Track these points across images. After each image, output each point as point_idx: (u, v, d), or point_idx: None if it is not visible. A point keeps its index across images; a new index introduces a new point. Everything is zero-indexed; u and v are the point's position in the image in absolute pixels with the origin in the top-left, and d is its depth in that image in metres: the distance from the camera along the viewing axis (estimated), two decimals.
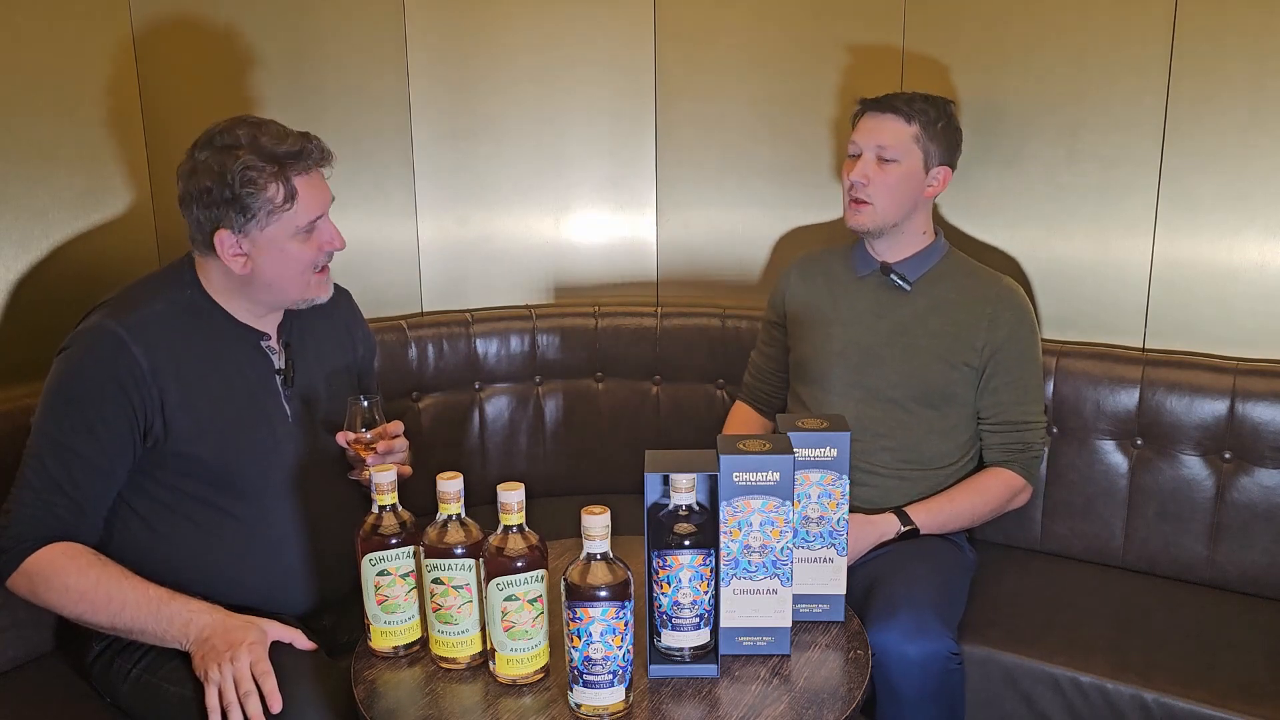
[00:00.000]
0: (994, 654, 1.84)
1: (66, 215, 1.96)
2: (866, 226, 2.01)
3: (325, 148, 1.63)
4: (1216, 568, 2.02)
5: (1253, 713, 1.65)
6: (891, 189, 1.98)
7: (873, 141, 1.98)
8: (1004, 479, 2.00)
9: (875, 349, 2.02)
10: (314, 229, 1.62)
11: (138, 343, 1.55)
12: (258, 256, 1.59)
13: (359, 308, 1.91)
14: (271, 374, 1.68)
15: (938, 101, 2.02)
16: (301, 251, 1.60)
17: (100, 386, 1.54)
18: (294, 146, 1.57)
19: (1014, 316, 1.99)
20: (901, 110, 1.97)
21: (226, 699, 1.42)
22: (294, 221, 1.58)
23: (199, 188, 1.56)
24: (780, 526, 1.41)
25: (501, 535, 1.35)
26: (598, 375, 2.47)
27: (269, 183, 1.55)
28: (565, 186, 2.51)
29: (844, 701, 1.37)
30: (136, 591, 1.51)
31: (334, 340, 1.81)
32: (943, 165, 2.01)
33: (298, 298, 1.65)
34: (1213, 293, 2.09)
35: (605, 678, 1.30)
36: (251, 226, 1.56)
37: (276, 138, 1.57)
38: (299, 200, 1.57)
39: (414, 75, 2.37)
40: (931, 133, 1.98)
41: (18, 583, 1.54)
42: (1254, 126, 2.00)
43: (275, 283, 1.62)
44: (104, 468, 1.56)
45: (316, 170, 1.61)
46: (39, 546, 1.52)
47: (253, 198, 1.54)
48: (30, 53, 1.88)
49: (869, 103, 2.03)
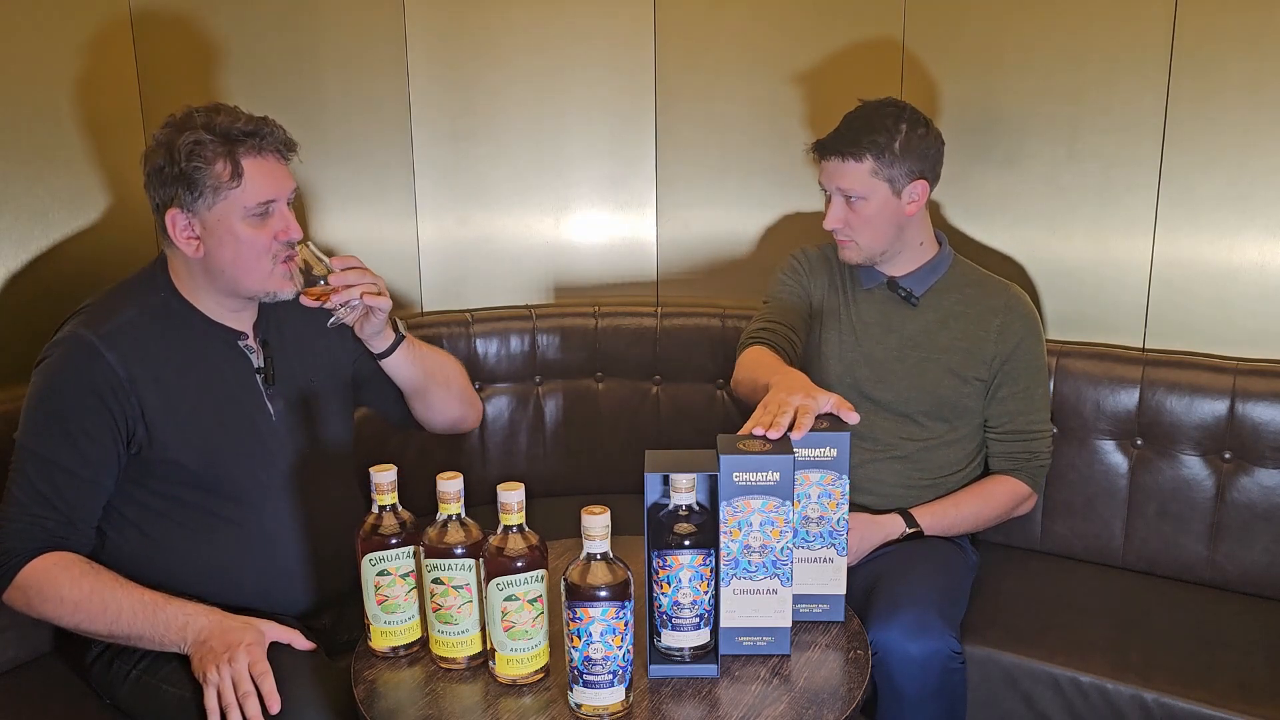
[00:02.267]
0: (994, 654, 1.84)
1: (66, 215, 1.95)
2: (858, 260, 1.99)
3: (285, 135, 1.59)
4: (1216, 568, 2.02)
5: (1253, 713, 1.65)
6: (868, 223, 1.94)
7: (833, 185, 1.93)
8: (1009, 486, 1.99)
9: (886, 363, 2.01)
10: (268, 214, 1.57)
11: (112, 350, 1.53)
12: (208, 239, 1.56)
13: None
14: (251, 374, 1.66)
15: (888, 117, 1.90)
16: (254, 237, 1.56)
17: (78, 398, 1.52)
18: (247, 127, 1.54)
19: (1023, 327, 1.98)
20: (848, 152, 1.89)
21: (225, 700, 1.42)
22: (241, 201, 1.53)
23: (153, 166, 1.56)
24: (780, 526, 1.41)
25: (501, 535, 1.35)
26: (598, 375, 2.47)
27: (216, 159, 1.52)
28: (565, 186, 2.51)
29: (844, 701, 1.37)
30: (132, 598, 1.50)
31: (316, 329, 1.75)
32: (917, 180, 1.92)
33: (257, 289, 1.60)
34: (1213, 293, 2.09)
35: (605, 678, 1.30)
36: (200, 205, 1.53)
37: (231, 118, 1.55)
38: (246, 179, 1.53)
39: (414, 75, 2.37)
40: (889, 158, 1.89)
41: (13, 597, 1.53)
42: (1254, 126, 2.00)
43: (229, 269, 1.57)
44: (89, 478, 1.54)
45: (272, 155, 1.57)
46: (31, 559, 1.51)
47: (199, 172, 1.52)
48: (30, 52, 1.88)
49: (816, 147, 1.95)
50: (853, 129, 1.92)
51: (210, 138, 1.52)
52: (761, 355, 1.91)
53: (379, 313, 1.64)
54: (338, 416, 1.78)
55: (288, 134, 1.60)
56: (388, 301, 1.63)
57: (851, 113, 1.96)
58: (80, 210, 1.97)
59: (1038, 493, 2.04)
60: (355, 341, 1.78)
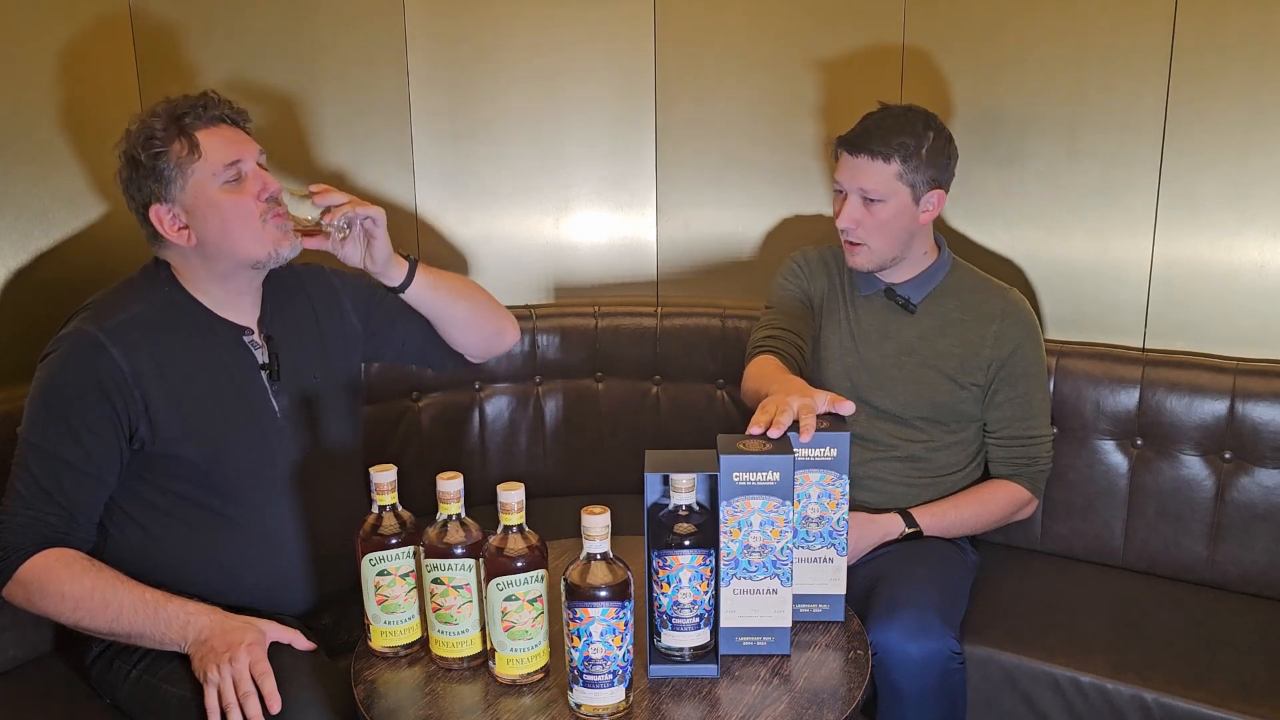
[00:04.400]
0: (994, 654, 1.84)
1: (66, 215, 1.95)
2: (866, 267, 1.97)
3: (234, 104, 1.62)
4: (1216, 568, 2.02)
5: (1253, 713, 1.65)
6: (883, 227, 1.91)
7: (855, 183, 1.89)
8: (1010, 490, 1.99)
9: (883, 370, 2.00)
10: (240, 177, 1.57)
11: (117, 346, 1.54)
12: (194, 222, 1.57)
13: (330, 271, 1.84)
14: (256, 370, 1.66)
15: (916, 123, 1.89)
16: (236, 202, 1.56)
17: (82, 392, 1.52)
18: (189, 103, 1.57)
19: (1020, 332, 1.98)
20: (878, 151, 1.86)
21: (226, 700, 1.42)
22: (209, 170, 1.55)
23: (123, 179, 1.59)
24: (780, 526, 1.41)
25: (501, 535, 1.35)
26: (598, 375, 2.47)
27: (171, 140, 1.54)
28: (565, 186, 2.51)
29: (844, 701, 1.37)
30: (133, 595, 1.50)
31: (323, 323, 1.76)
32: (934, 189, 1.91)
33: (257, 253, 1.59)
34: (1213, 293, 2.09)
35: (605, 678, 1.30)
36: (174, 190, 1.55)
37: (173, 102, 1.57)
38: (204, 148, 1.55)
39: (414, 76, 2.37)
40: (915, 163, 1.87)
41: (14, 592, 1.53)
42: (1254, 126, 2.00)
43: (222, 242, 1.57)
44: (92, 474, 1.54)
45: (224, 123, 1.59)
46: (32, 554, 1.51)
47: (160, 159, 1.54)
48: (30, 52, 1.88)
49: (843, 142, 1.91)
50: (883, 128, 1.88)
51: (158, 124, 1.55)
52: (766, 366, 1.90)
53: (379, 228, 1.64)
54: (345, 415, 1.78)
55: (235, 104, 1.62)
56: (379, 210, 1.64)
57: (877, 113, 1.93)
58: (80, 211, 1.98)
59: (1039, 497, 2.04)
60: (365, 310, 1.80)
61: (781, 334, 2.01)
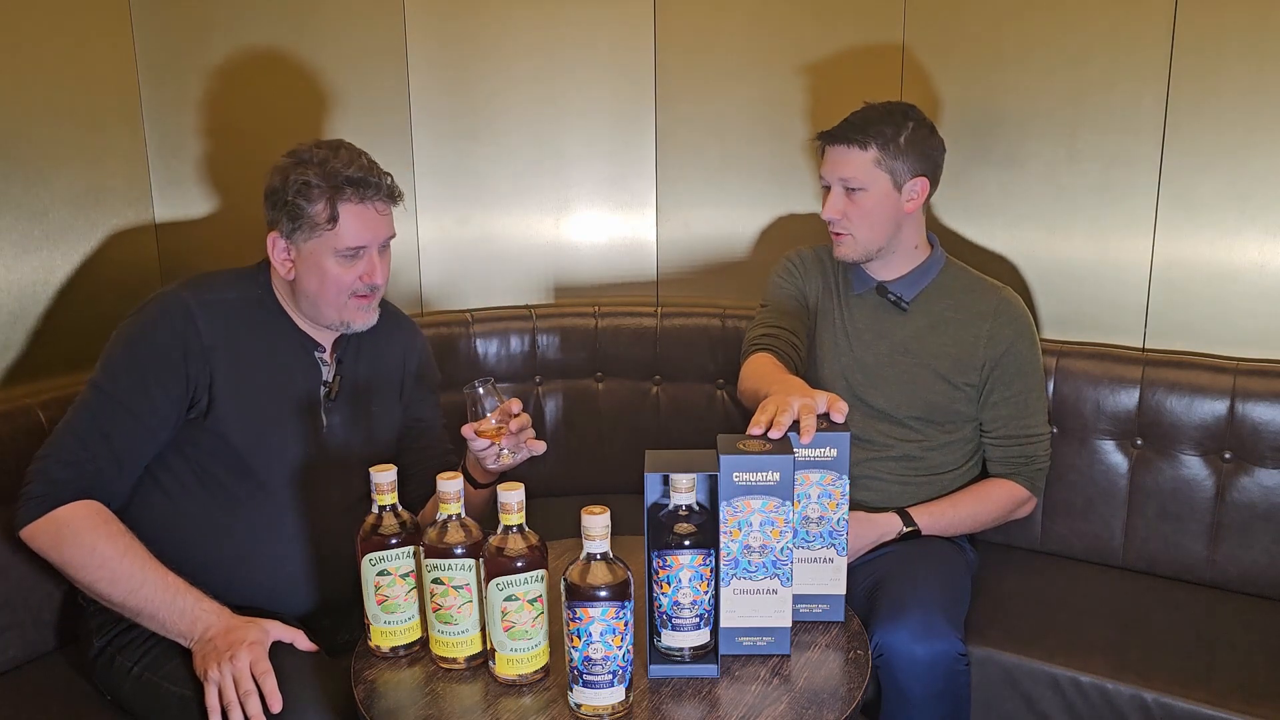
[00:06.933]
0: (994, 654, 1.84)
1: (66, 215, 1.96)
2: (852, 257, 1.98)
3: (394, 187, 1.68)
4: (1216, 568, 2.02)
5: (1253, 713, 1.65)
6: (866, 216, 1.93)
7: (836, 174, 1.93)
8: (1008, 489, 1.99)
9: (877, 369, 2.00)
10: (357, 256, 1.65)
11: (204, 317, 1.62)
12: (300, 266, 1.65)
13: (428, 351, 1.92)
14: (318, 383, 1.72)
15: (896, 113, 1.92)
16: (340, 274, 1.64)
17: (164, 350, 1.59)
18: (355, 174, 1.62)
19: (1012, 331, 1.98)
20: (854, 139, 1.90)
21: (226, 698, 1.42)
22: (333, 243, 1.62)
23: (269, 187, 1.66)
24: (780, 526, 1.41)
25: (501, 535, 1.35)
26: (598, 375, 2.47)
27: (318, 200, 1.61)
28: (565, 186, 2.51)
29: (844, 701, 1.37)
30: (158, 573, 1.53)
31: (389, 369, 1.83)
32: (918, 177, 1.93)
33: (334, 318, 1.69)
34: (1213, 293, 2.09)
35: (605, 678, 1.30)
36: (298, 236, 1.63)
37: (346, 163, 1.63)
38: (341, 224, 1.62)
39: (414, 76, 2.37)
40: (893, 150, 1.90)
41: (44, 528, 1.54)
42: (1254, 126, 2.00)
43: (312, 298, 1.67)
44: (150, 427, 1.60)
45: (375, 203, 1.65)
46: (74, 499, 1.54)
47: (301, 210, 1.62)
48: (30, 52, 1.88)
49: (824, 135, 1.96)
50: (861, 118, 1.93)
51: (317, 181, 1.61)
52: (763, 364, 1.91)
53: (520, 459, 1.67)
54: (385, 447, 1.82)
55: (394, 183, 1.68)
56: (543, 446, 1.67)
57: (860, 109, 1.96)
58: (80, 211, 1.98)
59: (1037, 496, 2.03)
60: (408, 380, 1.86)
61: (778, 332, 2.01)
